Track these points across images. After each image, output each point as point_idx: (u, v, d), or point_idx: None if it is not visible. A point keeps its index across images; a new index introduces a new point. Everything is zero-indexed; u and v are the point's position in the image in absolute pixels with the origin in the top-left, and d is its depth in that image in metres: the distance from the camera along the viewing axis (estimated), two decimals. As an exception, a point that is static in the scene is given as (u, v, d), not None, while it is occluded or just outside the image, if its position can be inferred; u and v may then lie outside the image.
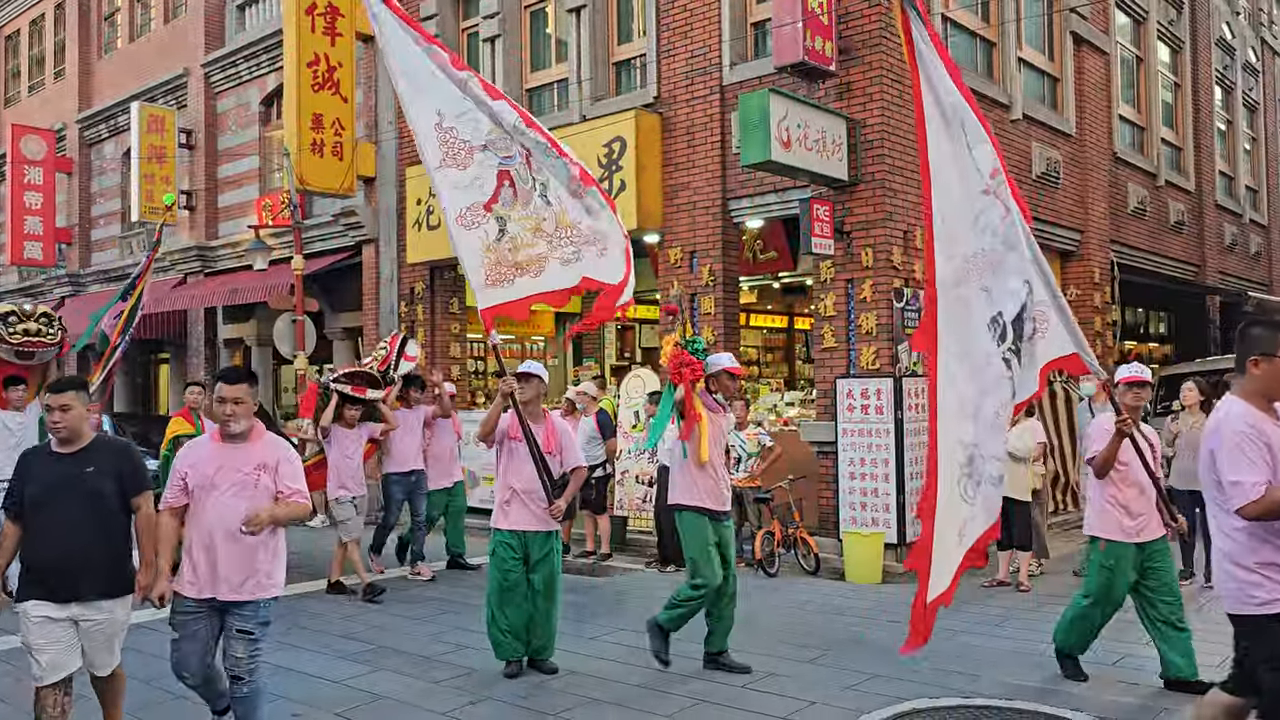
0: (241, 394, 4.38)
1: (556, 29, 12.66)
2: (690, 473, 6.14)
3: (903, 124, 9.75)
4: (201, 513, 4.38)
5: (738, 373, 6.39)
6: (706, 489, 6.13)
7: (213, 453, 4.44)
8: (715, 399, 6.27)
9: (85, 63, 21.00)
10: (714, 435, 6.13)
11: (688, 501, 6.15)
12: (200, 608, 4.38)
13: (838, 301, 9.75)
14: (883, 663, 6.27)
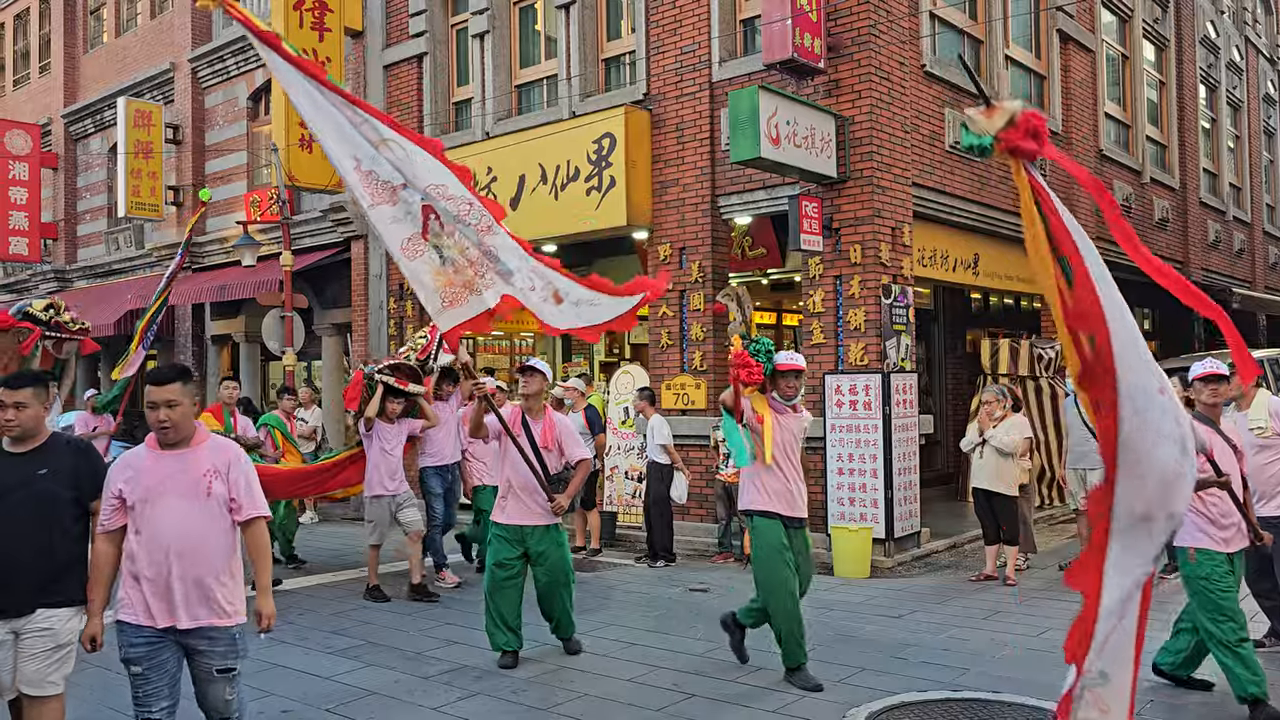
0: (174, 394, 3.79)
1: (546, 25, 12.65)
2: (758, 476, 5.86)
3: (891, 121, 9.80)
4: (148, 528, 3.78)
5: (790, 368, 5.87)
6: (776, 492, 5.84)
7: (153, 463, 3.86)
8: (783, 402, 5.91)
9: (71, 57, 20.87)
10: (782, 437, 5.83)
11: (756, 506, 5.88)
12: (160, 638, 3.78)
13: (826, 298, 9.79)
14: (870, 657, 6.32)
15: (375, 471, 8.34)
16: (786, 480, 5.86)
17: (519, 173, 11.62)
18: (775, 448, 5.80)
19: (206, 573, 3.79)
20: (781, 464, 5.84)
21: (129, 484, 3.84)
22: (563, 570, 6.42)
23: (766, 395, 5.88)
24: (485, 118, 12.69)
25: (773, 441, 5.77)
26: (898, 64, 9.96)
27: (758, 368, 5.71)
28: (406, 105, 13.60)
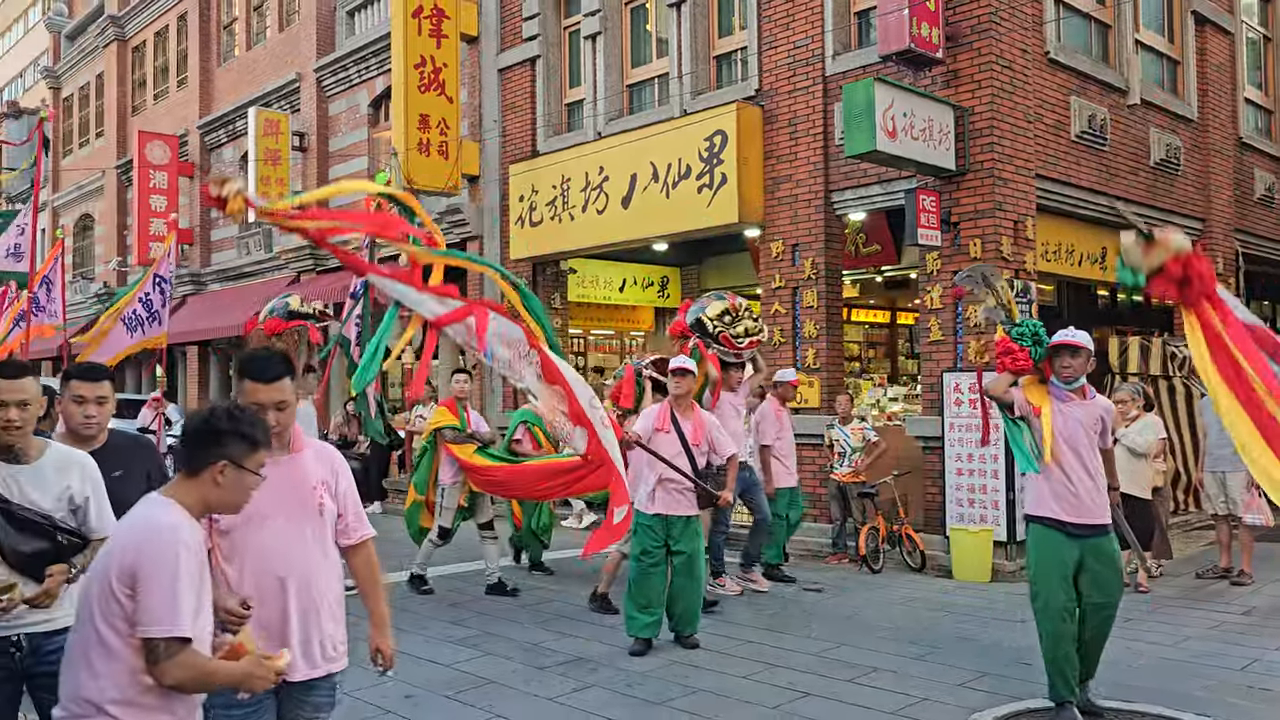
0: (286, 394, 3.04)
1: (657, 24, 12.70)
2: (1041, 475, 5.14)
3: (1013, 111, 9.50)
4: (251, 557, 2.97)
5: (1065, 344, 5.07)
6: (1056, 494, 5.07)
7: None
8: (1063, 387, 5.13)
9: (206, 71, 21.92)
10: (1065, 429, 5.06)
11: (1033, 511, 5.20)
12: (266, 694, 2.87)
13: (944, 294, 9.54)
14: (992, 661, 6.13)
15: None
16: (1069, 479, 5.03)
17: (630, 172, 11.69)
18: (1056, 442, 5.05)
19: (324, 610, 3.07)
20: (1063, 460, 5.04)
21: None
22: (698, 563, 6.59)
23: (1051, 385, 5.15)
24: (597, 118, 12.81)
25: (1053, 435, 5.04)
26: (1020, 52, 9.64)
27: (1023, 353, 5.05)
28: (520, 108, 13.83)
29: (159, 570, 2.36)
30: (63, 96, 29.31)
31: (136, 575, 2.36)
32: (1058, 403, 5.10)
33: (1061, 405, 5.09)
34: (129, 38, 25.22)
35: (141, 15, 24.45)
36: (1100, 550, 5.07)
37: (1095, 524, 5.06)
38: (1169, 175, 11.90)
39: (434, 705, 5.47)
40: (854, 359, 15.00)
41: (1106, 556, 5.09)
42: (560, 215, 12.66)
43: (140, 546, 2.39)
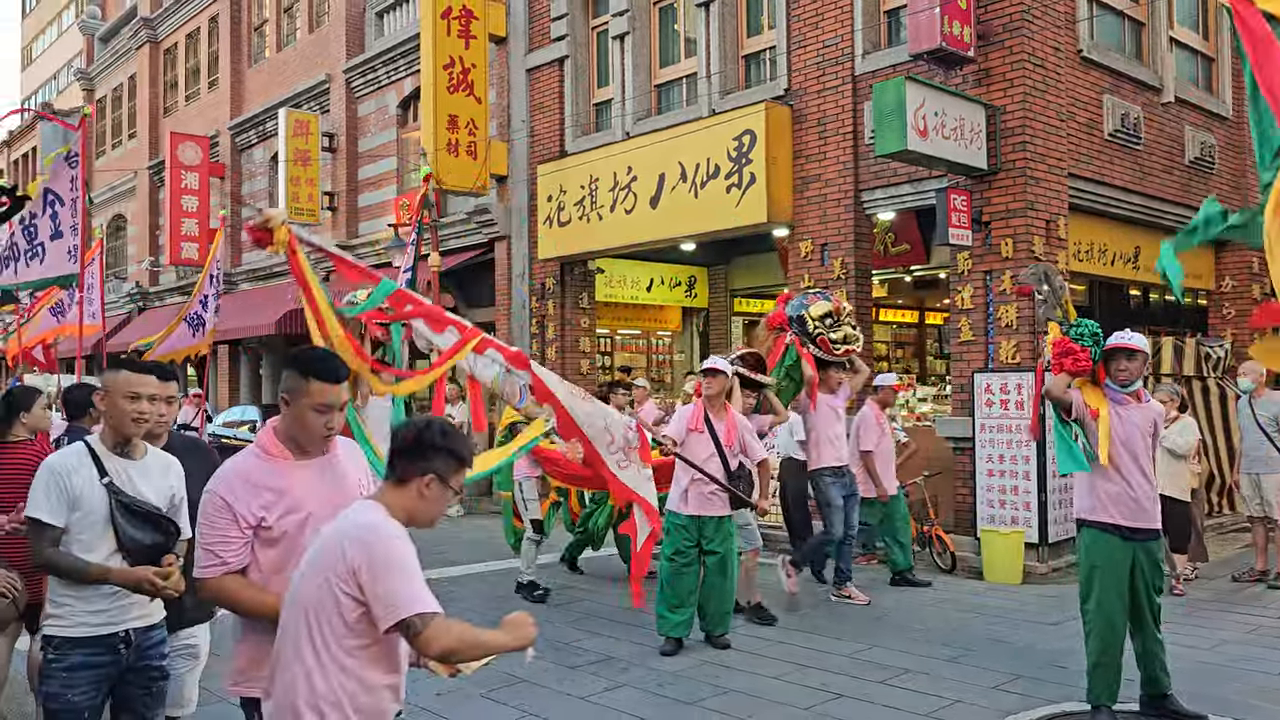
0: (346, 395, 2.92)
1: (685, 24, 12.69)
2: (1090, 479, 5.06)
3: (1046, 110, 9.42)
4: (289, 566, 2.68)
5: (1123, 347, 5.02)
6: (1112, 497, 5.00)
7: (292, 474, 2.85)
8: (1119, 390, 5.05)
9: (237, 72, 22.13)
10: (1123, 432, 4.99)
11: (1087, 515, 5.10)
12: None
13: (975, 294, 9.49)
14: (1025, 664, 6.09)
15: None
16: (1127, 483, 4.98)
17: (659, 171, 11.70)
18: (1113, 445, 4.98)
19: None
20: (1121, 464, 4.98)
21: (270, 508, 2.80)
22: (730, 563, 6.63)
23: (1100, 385, 5.09)
24: (625, 118, 12.82)
25: (1110, 438, 4.97)
26: (1052, 50, 9.57)
27: (1084, 354, 4.96)
28: (548, 109, 13.87)
29: (391, 559, 2.39)
30: (96, 98, 29.67)
31: (368, 570, 2.37)
32: (1114, 405, 5.04)
33: (1118, 408, 5.04)
34: (161, 40, 25.51)
35: (173, 17, 24.72)
36: (1151, 553, 5.07)
37: (1151, 528, 5.05)
38: (1204, 174, 11.76)
39: (466, 703, 5.51)
40: (882, 359, 14.93)
41: (1156, 559, 5.10)
42: (588, 215, 12.69)
43: (368, 544, 2.40)
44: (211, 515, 2.79)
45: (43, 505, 3.22)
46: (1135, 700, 5.23)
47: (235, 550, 2.78)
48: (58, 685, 3.25)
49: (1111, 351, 5.04)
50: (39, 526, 3.23)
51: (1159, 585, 5.13)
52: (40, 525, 3.22)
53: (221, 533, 2.77)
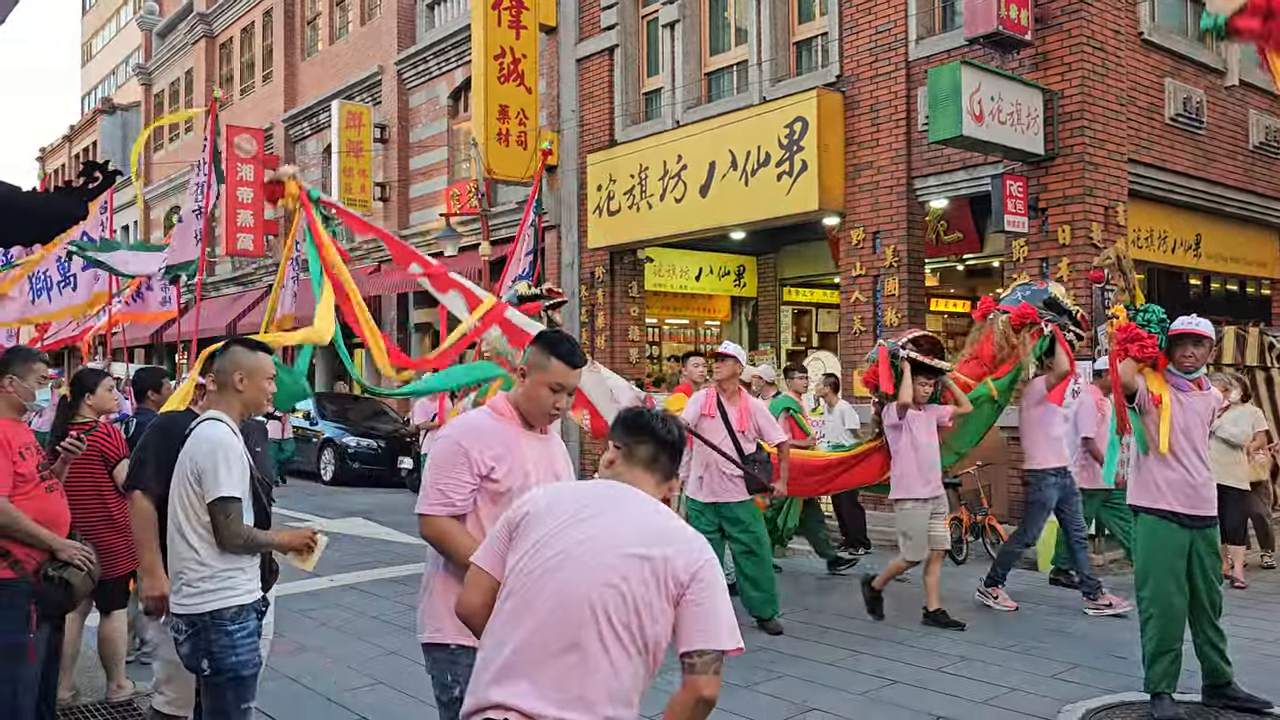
0: (577, 381, 3.00)
1: (736, 11, 12.64)
2: (1149, 467, 5.00)
3: (1105, 94, 9.26)
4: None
5: (1189, 333, 4.91)
6: (1172, 485, 4.93)
7: (516, 440, 2.90)
8: (1183, 376, 4.98)
9: (290, 65, 22.45)
10: (1184, 420, 4.92)
11: (1145, 503, 5.01)
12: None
13: (1032, 281, 9.34)
14: (1084, 653, 6.02)
15: (910, 470, 6.85)
16: (1188, 471, 4.92)
17: (709, 160, 11.68)
18: (1174, 433, 4.91)
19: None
20: (1181, 452, 4.91)
21: (499, 461, 2.84)
22: (761, 546, 6.62)
23: (1161, 371, 5.01)
24: (675, 106, 12.81)
25: (1170, 425, 4.90)
26: (1112, 32, 9.39)
27: (1150, 340, 4.87)
28: (598, 98, 13.90)
29: (720, 577, 2.23)
30: (153, 92, 30.27)
31: (698, 581, 2.18)
32: (1177, 393, 4.96)
33: (1181, 395, 4.96)
34: (217, 34, 25.94)
35: (229, 12, 25.12)
36: (1210, 540, 5.01)
37: (1209, 515, 4.98)
38: (1269, 158, 11.48)
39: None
40: (933, 349, 14.78)
41: (1214, 547, 5.04)
42: (638, 204, 12.71)
43: (699, 550, 2.22)
44: (446, 458, 2.84)
45: (237, 483, 3.33)
46: (1197, 691, 5.15)
47: (464, 495, 2.82)
48: (247, 651, 3.38)
49: (1178, 337, 4.94)
50: (234, 503, 3.31)
51: (1218, 573, 5.07)
52: (235, 502, 3.32)
53: (454, 475, 2.82)
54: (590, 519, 2.24)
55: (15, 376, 4.18)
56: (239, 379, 3.49)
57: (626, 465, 2.40)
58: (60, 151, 41.07)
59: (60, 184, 2.52)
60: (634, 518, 2.25)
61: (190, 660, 3.35)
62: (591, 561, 2.17)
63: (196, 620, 3.30)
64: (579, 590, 2.14)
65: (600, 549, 2.18)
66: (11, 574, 4.05)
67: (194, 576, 3.32)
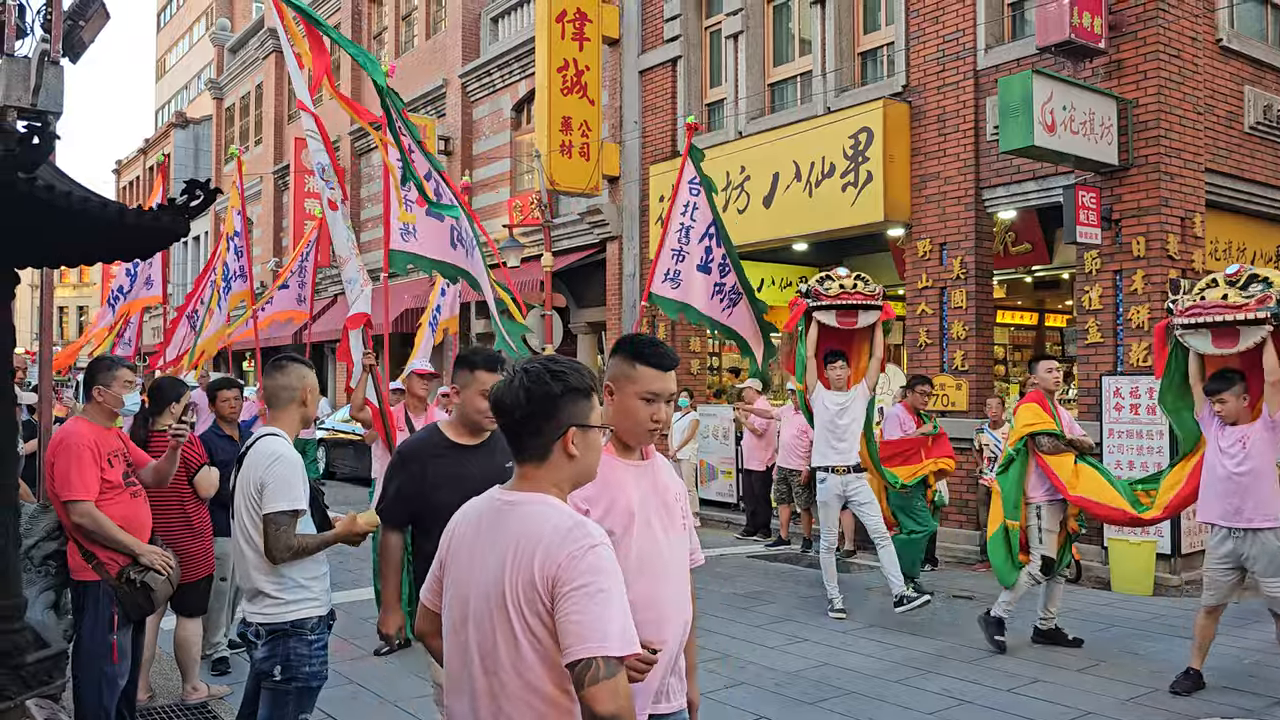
0: (674, 384, 2.64)
1: (800, 22, 12.59)
2: None
3: (1182, 102, 9.04)
4: (636, 575, 2.36)
5: None
6: None
7: (612, 473, 2.51)
8: None
9: (356, 79, 22.85)
10: None
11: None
12: None
13: (1104, 294, 9.15)
14: (1164, 678, 5.83)
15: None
16: None
17: (772, 171, 11.63)
18: None
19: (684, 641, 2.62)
20: None
21: (593, 502, 2.47)
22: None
23: None
24: (738, 117, 12.79)
25: None
26: (1189, 39, 9.17)
27: None
28: (660, 109, 13.93)
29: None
30: (225, 106, 31.05)
31: None
32: None
33: None
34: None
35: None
36: None
37: None
38: (1353, 168, 11.10)
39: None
40: (999, 362, 14.54)
41: None
42: (700, 215, 12.67)
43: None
44: None
45: (296, 497, 3.40)
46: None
47: None
48: (319, 663, 3.45)
49: None
50: (286, 517, 3.37)
51: None
52: (289, 515, 3.38)
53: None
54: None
55: (103, 386, 4.30)
56: (306, 396, 3.58)
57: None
58: (135, 164, 42.31)
59: (164, 201, 2.59)
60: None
61: (264, 665, 3.40)
62: None
63: (278, 628, 3.35)
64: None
65: None
66: (96, 577, 4.17)
67: (274, 587, 3.38)
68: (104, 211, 2.41)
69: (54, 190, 2.29)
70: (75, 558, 4.17)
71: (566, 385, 2.04)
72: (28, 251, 2.97)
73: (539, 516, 1.97)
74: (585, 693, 1.80)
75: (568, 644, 1.83)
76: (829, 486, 7.62)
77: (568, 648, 1.83)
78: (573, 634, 1.83)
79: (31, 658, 3.19)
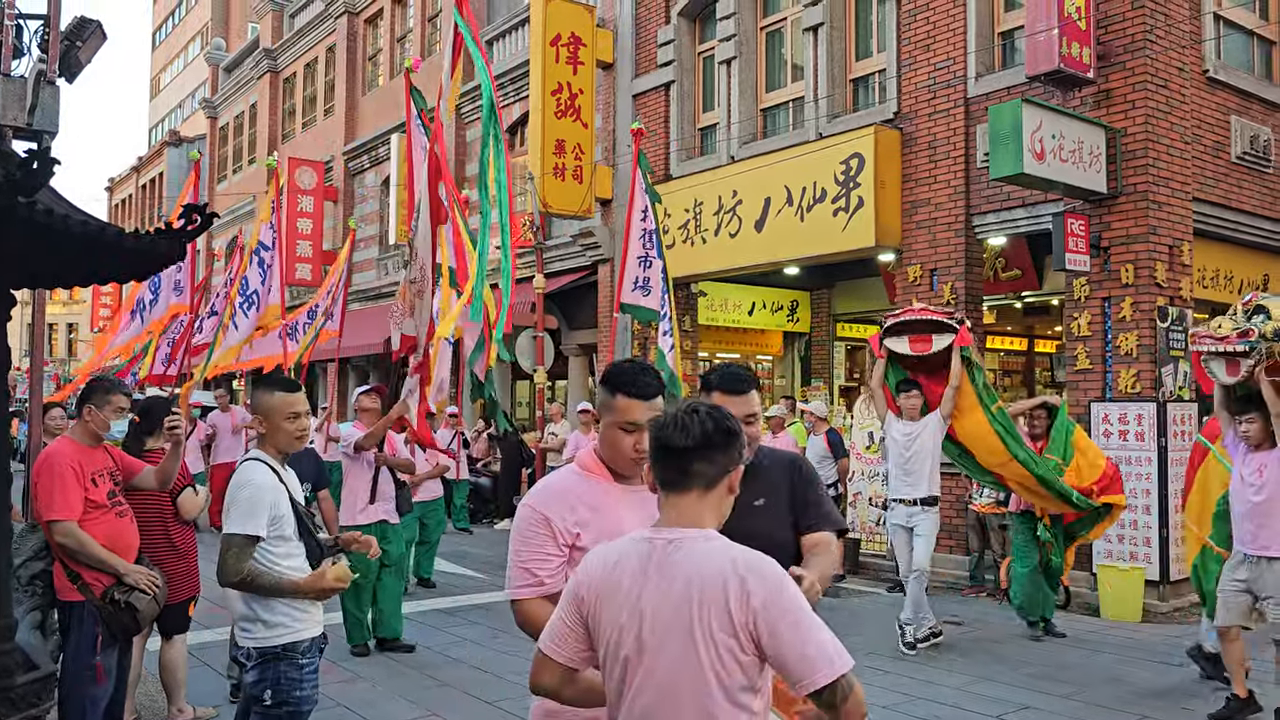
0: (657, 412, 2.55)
1: (793, 48, 12.70)
2: None
3: (1169, 132, 9.14)
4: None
5: None
6: None
7: (609, 494, 2.56)
8: None
9: (351, 99, 22.95)
10: None
11: None
12: None
13: (1093, 321, 9.22)
14: (1150, 704, 5.85)
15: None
16: None
17: (764, 195, 11.70)
18: None
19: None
20: None
21: (586, 526, 2.48)
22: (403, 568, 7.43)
23: None
24: (731, 142, 12.87)
25: None
26: (1176, 70, 9.28)
27: None
28: (653, 133, 14.00)
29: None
30: (219, 126, 31.11)
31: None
32: None
33: None
34: (281, 70, 26.63)
35: (293, 48, 25.80)
36: None
37: None
38: (1338, 198, 11.22)
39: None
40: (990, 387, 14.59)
41: None
42: (692, 238, 12.75)
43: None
44: (528, 530, 2.50)
45: (253, 521, 3.32)
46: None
47: (552, 570, 2.46)
48: (310, 686, 3.41)
49: None
50: (239, 540, 3.31)
51: None
52: (251, 540, 3.32)
53: (538, 549, 2.47)
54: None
55: (94, 406, 4.30)
56: (258, 422, 3.53)
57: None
58: (128, 182, 42.31)
59: (160, 226, 2.61)
60: None
61: (254, 689, 3.39)
62: None
63: (269, 652, 3.33)
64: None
65: None
66: (81, 597, 4.15)
67: (264, 610, 3.35)
68: (102, 235, 2.43)
69: (53, 214, 2.31)
70: (61, 578, 4.15)
71: (738, 427, 2.14)
72: (25, 273, 2.98)
73: (717, 553, 2.00)
74: (839, 712, 1.89)
75: (802, 674, 1.89)
76: (895, 516, 7.62)
77: (803, 678, 1.89)
78: (808, 663, 1.89)
79: (21, 679, 3.18)
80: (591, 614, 2.09)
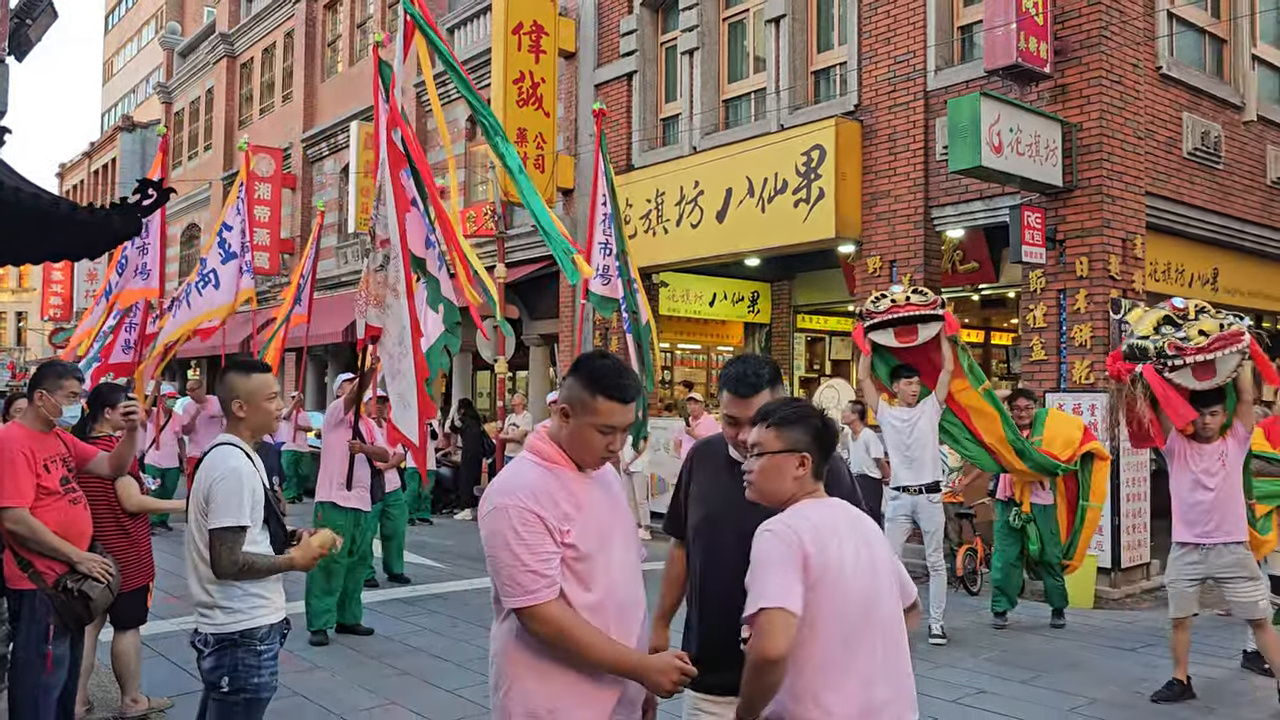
0: (632, 416, 2.56)
1: (755, 40, 12.74)
2: None
3: (1123, 127, 9.29)
4: (605, 597, 2.44)
5: None
6: None
7: (580, 485, 2.49)
8: None
9: (310, 86, 22.65)
10: None
11: None
12: None
13: (1048, 313, 9.36)
14: (1104, 689, 5.96)
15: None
16: None
17: (725, 186, 11.72)
18: None
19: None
20: None
21: (571, 521, 2.40)
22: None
23: None
24: (693, 132, 12.88)
25: None
26: (1131, 66, 9.43)
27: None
28: (615, 122, 13.98)
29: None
30: (174, 111, 30.57)
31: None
32: None
33: None
34: (238, 55, 26.21)
35: (251, 33, 25.40)
36: None
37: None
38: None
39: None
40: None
41: None
42: (654, 229, 12.76)
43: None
44: (525, 530, 2.34)
45: (241, 511, 3.26)
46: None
47: (555, 567, 2.35)
48: (269, 674, 3.35)
49: None
50: (232, 533, 3.24)
51: None
52: (235, 531, 3.25)
53: (540, 548, 2.34)
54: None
55: (45, 391, 4.21)
56: (238, 406, 3.42)
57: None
58: (80, 167, 41.46)
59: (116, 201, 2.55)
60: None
61: (210, 676, 3.33)
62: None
63: (225, 639, 3.28)
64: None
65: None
66: (32, 586, 4.07)
67: (222, 597, 3.28)
68: (54, 209, 2.37)
69: (3, 186, 2.25)
70: (10, 566, 4.07)
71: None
72: (-28, 249, 2.91)
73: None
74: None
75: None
76: (898, 505, 7.43)
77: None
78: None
79: (-33, 667, 3.11)
80: (821, 575, 2.33)
